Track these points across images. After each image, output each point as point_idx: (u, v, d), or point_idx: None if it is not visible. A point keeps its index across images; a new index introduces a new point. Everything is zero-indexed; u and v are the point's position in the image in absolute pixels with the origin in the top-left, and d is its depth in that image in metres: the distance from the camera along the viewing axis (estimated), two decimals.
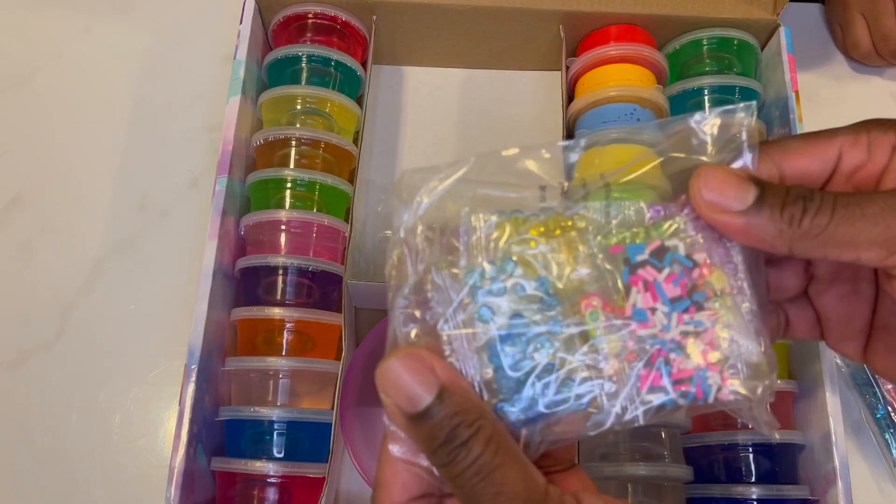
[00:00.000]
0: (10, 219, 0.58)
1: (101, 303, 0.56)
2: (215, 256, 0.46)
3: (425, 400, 0.24)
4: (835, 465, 0.44)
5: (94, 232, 0.58)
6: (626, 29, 0.56)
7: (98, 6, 0.65)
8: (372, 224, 0.57)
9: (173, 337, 0.54)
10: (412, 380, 0.24)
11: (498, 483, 0.23)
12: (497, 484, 0.23)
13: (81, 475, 0.51)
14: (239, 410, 0.46)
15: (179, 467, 0.42)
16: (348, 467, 0.50)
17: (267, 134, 0.52)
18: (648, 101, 0.53)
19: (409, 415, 0.24)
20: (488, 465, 0.23)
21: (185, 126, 0.61)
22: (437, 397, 0.24)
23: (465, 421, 0.24)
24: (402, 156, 0.60)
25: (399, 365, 0.24)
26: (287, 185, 0.50)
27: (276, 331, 0.48)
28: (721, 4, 0.55)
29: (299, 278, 0.49)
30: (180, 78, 0.62)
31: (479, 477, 0.23)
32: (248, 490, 0.45)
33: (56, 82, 0.62)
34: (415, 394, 0.24)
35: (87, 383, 0.54)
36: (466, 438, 0.23)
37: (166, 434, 0.53)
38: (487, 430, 0.24)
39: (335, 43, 0.56)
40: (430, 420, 0.24)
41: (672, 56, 0.57)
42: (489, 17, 0.56)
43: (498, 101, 0.62)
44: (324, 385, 0.48)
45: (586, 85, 0.55)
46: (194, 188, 0.59)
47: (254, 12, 0.54)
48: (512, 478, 0.23)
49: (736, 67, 0.55)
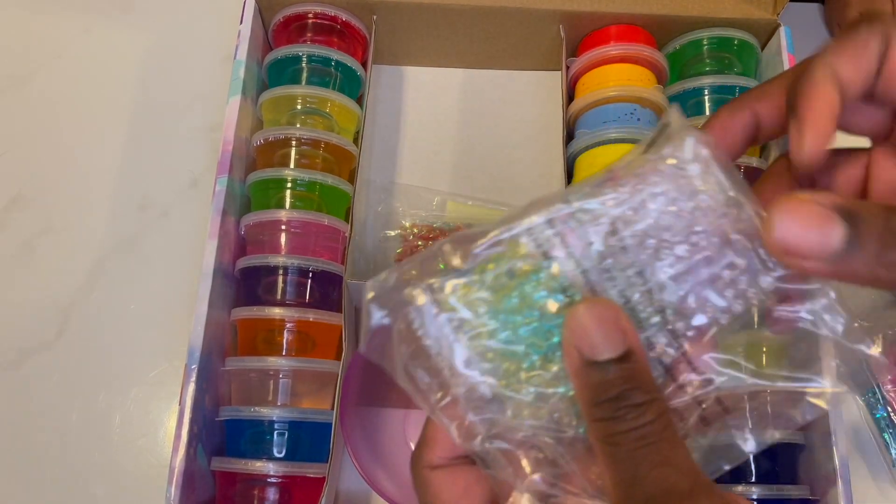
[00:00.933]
0: (10, 219, 0.58)
1: (101, 303, 0.56)
2: (215, 256, 0.46)
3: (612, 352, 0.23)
4: (835, 465, 0.44)
5: (94, 232, 0.58)
6: (626, 29, 0.56)
7: (98, 6, 0.65)
8: (372, 224, 0.57)
9: (173, 337, 0.54)
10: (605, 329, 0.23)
11: (663, 454, 0.22)
12: (662, 454, 0.22)
13: (81, 475, 0.51)
14: (239, 410, 0.46)
15: (179, 467, 0.42)
16: (348, 467, 0.50)
17: (267, 134, 0.52)
18: (648, 101, 0.53)
19: (589, 360, 0.23)
20: (656, 434, 0.22)
21: (185, 126, 0.61)
22: (626, 355, 0.23)
23: (643, 388, 0.23)
24: (402, 156, 0.60)
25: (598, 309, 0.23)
26: (287, 184, 0.50)
27: (276, 331, 0.48)
28: (721, 4, 0.55)
29: (299, 278, 0.49)
30: (180, 78, 0.62)
31: (643, 442, 0.22)
32: (248, 490, 0.45)
33: (56, 82, 0.62)
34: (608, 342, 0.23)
35: (87, 383, 0.54)
36: (640, 402, 0.22)
37: (166, 434, 0.53)
38: (662, 406, 0.23)
39: (335, 43, 0.56)
40: (607, 373, 0.23)
41: (672, 56, 0.57)
42: (489, 17, 0.56)
43: (498, 101, 0.62)
44: (324, 385, 0.48)
45: (586, 85, 0.55)
46: (194, 188, 0.59)
47: (254, 12, 0.54)
48: (680, 454, 0.22)
49: (736, 67, 0.55)
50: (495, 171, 0.59)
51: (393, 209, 0.58)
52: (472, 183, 0.59)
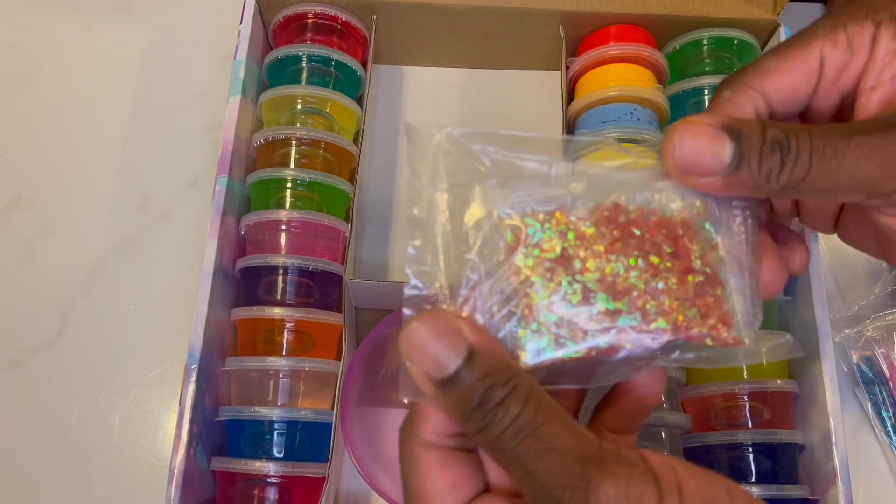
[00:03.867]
0: (10, 219, 0.58)
1: (101, 303, 0.56)
2: (215, 256, 0.46)
3: (454, 363, 0.22)
4: (835, 465, 0.44)
5: (94, 232, 0.58)
6: (626, 29, 0.56)
7: (98, 6, 0.65)
8: (372, 224, 0.57)
9: (173, 337, 0.54)
10: (439, 343, 0.22)
11: (545, 439, 0.21)
12: (544, 440, 0.21)
13: (81, 475, 0.51)
14: (239, 410, 0.46)
15: (179, 467, 0.42)
16: (348, 467, 0.50)
17: (267, 134, 0.52)
18: (648, 101, 0.53)
19: (437, 381, 0.22)
20: (530, 422, 0.22)
21: (185, 126, 0.61)
22: (468, 359, 0.22)
23: (499, 381, 0.22)
24: (402, 156, 0.60)
25: (424, 328, 0.22)
26: (287, 184, 0.50)
27: (276, 331, 0.48)
28: (721, 4, 0.55)
29: (299, 278, 0.49)
30: (180, 78, 0.62)
31: (521, 436, 0.21)
32: (248, 490, 0.45)
33: (56, 82, 0.62)
34: (443, 357, 0.22)
35: (87, 383, 0.54)
36: (501, 398, 0.22)
37: (166, 434, 0.53)
38: (524, 389, 0.22)
39: (335, 43, 0.56)
40: (460, 384, 0.22)
41: (672, 56, 0.57)
42: (489, 17, 0.56)
43: (498, 101, 0.62)
44: (324, 385, 0.48)
45: (586, 85, 0.55)
46: (194, 188, 0.59)
47: (254, 12, 0.54)
48: (559, 434, 0.22)
49: (736, 67, 0.55)
50: None
51: None
52: None
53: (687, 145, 0.25)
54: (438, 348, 0.22)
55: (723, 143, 0.24)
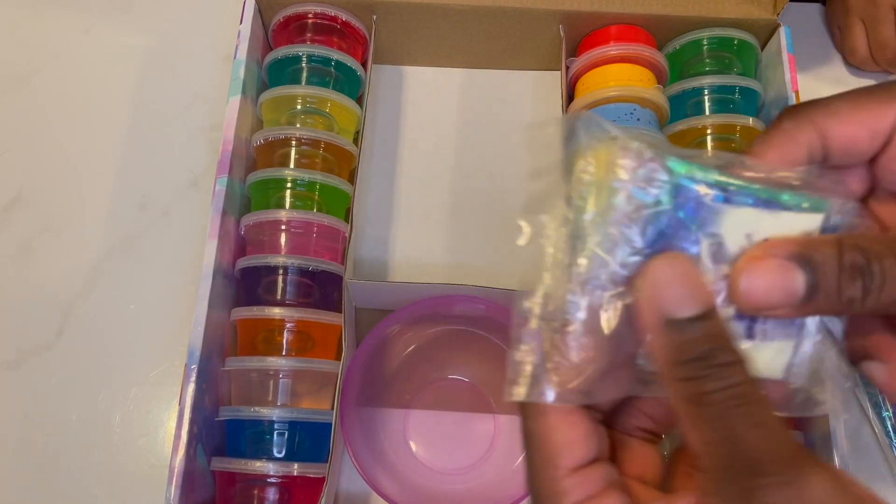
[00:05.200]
0: (10, 219, 0.58)
1: (101, 303, 0.56)
2: (215, 256, 0.46)
3: (693, 310, 0.22)
4: (835, 465, 0.44)
5: (94, 232, 0.57)
6: (626, 29, 0.56)
7: (98, 6, 0.65)
8: (372, 224, 0.57)
9: (173, 337, 0.54)
10: (684, 286, 0.22)
11: (759, 415, 0.21)
12: (758, 416, 0.21)
13: (81, 475, 0.51)
14: (239, 410, 0.46)
15: (179, 467, 0.42)
16: (348, 467, 0.50)
17: (267, 134, 0.52)
18: (648, 101, 0.53)
19: (669, 319, 0.22)
20: (750, 395, 0.21)
21: (185, 126, 0.61)
22: (707, 313, 0.22)
23: (728, 348, 0.22)
24: (402, 156, 0.60)
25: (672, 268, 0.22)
26: (287, 184, 0.50)
27: (276, 331, 0.48)
28: (721, 4, 0.55)
29: (299, 278, 0.49)
30: (180, 78, 0.62)
31: (737, 401, 0.21)
32: (248, 490, 0.45)
33: (55, 82, 0.62)
34: (686, 301, 0.22)
35: (87, 383, 0.54)
36: (727, 362, 0.21)
37: (166, 434, 0.53)
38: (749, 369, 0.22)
39: (335, 43, 0.56)
40: (689, 330, 0.22)
41: (672, 56, 0.57)
42: (489, 17, 0.56)
43: (498, 101, 0.62)
44: (324, 385, 0.48)
45: (586, 85, 0.55)
46: (194, 188, 0.59)
47: (254, 12, 0.54)
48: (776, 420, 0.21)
49: (736, 67, 0.55)
50: (495, 171, 0.59)
51: None
52: (472, 183, 0.59)
53: (754, 284, 0.23)
54: (684, 289, 0.22)
55: (794, 276, 0.23)
